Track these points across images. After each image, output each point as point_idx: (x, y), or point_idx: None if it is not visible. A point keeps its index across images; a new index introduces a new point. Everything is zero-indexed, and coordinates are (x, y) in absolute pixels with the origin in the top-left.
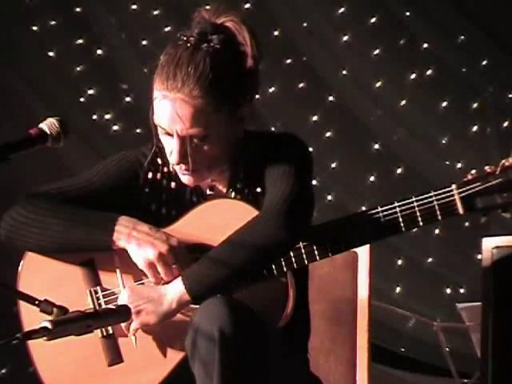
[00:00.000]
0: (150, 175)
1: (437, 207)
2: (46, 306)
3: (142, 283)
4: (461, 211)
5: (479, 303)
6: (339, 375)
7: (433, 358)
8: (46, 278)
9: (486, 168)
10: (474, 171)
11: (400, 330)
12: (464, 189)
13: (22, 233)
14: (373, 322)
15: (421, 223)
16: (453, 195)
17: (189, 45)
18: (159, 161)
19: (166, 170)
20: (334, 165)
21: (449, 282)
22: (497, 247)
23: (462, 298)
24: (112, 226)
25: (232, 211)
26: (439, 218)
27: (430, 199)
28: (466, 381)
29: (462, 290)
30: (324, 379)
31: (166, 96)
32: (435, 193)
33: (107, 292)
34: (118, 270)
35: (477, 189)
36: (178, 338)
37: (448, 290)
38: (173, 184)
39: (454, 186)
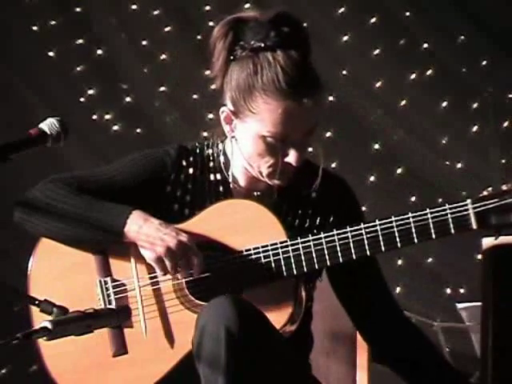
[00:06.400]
0: (173, 176)
1: (450, 220)
2: (46, 305)
3: (155, 276)
4: (474, 226)
5: (479, 303)
6: (339, 375)
7: None
8: (59, 265)
9: (503, 186)
10: (490, 188)
11: None
12: (479, 204)
13: (35, 217)
14: None
15: (434, 235)
16: (467, 210)
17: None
18: (184, 162)
19: (190, 171)
20: (333, 165)
21: (449, 282)
22: (497, 247)
23: (461, 298)
24: (124, 218)
25: (246, 211)
26: (452, 231)
27: (444, 212)
28: None
29: (461, 290)
30: (324, 379)
31: (299, 100)
32: (449, 206)
33: (117, 283)
34: (132, 261)
35: (492, 205)
36: (184, 333)
37: (448, 290)
38: (197, 185)
39: (469, 201)
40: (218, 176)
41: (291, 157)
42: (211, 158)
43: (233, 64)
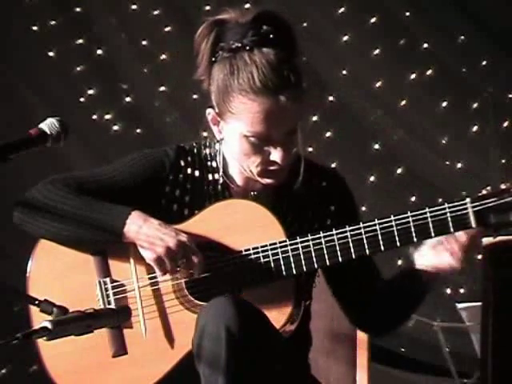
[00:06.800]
0: (171, 176)
1: (449, 219)
2: (46, 305)
3: (155, 277)
4: (473, 225)
5: (479, 303)
6: (339, 375)
7: (433, 358)
8: (59, 265)
9: (502, 185)
10: (489, 187)
11: (400, 330)
12: (478, 203)
13: (34, 218)
14: None
15: (433, 234)
16: (466, 208)
17: (256, 47)
18: (182, 162)
19: (189, 171)
20: (333, 165)
21: (449, 282)
22: (497, 247)
23: (462, 298)
24: (124, 218)
25: (245, 211)
26: (452, 230)
27: (444, 211)
28: (465, 381)
29: (461, 290)
30: (324, 379)
31: (275, 98)
32: (449, 205)
33: (116, 284)
34: (132, 261)
35: (490, 204)
36: (183, 333)
37: (448, 290)
38: (196, 185)
39: (468, 200)
40: (216, 176)
41: (275, 156)
42: (209, 158)
43: (215, 66)
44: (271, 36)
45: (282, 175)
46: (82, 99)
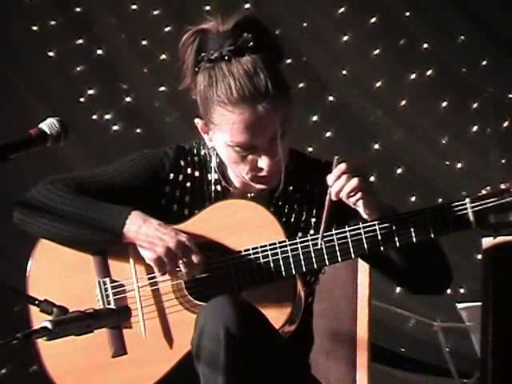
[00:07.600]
0: (172, 176)
1: (449, 219)
2: (46, 305)
3: (154, 277)
4: (473, 225)
5: (479, 303)
6: (339, 375)
7: (433, 358)
8: (58, 265)
9: (501, 185)
10: (489, 187)
11: (400, 330)
12: (477, 203)
13: (34, 218)
14: (373, 322)
15: (432, 234)
16: (466, 209)
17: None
18: (182, 162)
19: (189, 171)
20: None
21: None
22: (497, 247)
23: (462, 298)
24: (124, 219)
25: (245, 211)
26: (451, 230)
27: (443, 211)
28: (465, 381)
29: (462, 290)
30: (324, 379)
31: (252, 107)
32: (448, 205)
33: (116, 284)
34: (131, 261)
35: (490, 204)
36: (183, 333)
37: (448, 290)
38: (196, 185)
39: (467, 200)
40: (216, 176)
41: (262, 163)
42: (208, 159)
43: (198, 76)
44: (250, 44)
45: (275, 179)
46: (82, 99)
